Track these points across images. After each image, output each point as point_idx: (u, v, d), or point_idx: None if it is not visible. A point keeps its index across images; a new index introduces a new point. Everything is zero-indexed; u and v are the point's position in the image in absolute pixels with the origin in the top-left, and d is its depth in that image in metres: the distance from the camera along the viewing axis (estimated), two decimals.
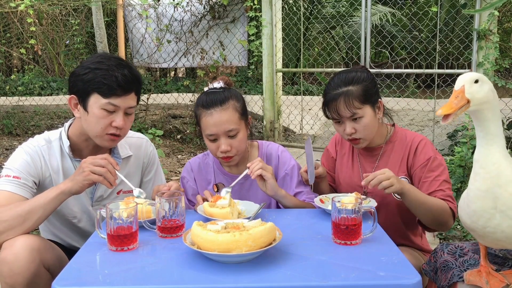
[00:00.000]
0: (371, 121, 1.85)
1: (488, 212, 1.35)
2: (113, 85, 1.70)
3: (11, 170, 1.75)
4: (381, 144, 1.96)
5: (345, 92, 1.82)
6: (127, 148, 1.96)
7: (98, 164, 1.61)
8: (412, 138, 1.93)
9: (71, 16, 8.04)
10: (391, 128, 2.00)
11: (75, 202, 1.87)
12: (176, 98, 7.53)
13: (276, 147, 2.02)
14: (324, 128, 6.74)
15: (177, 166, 5.09)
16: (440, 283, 1.56)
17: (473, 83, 1.34)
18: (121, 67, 1.73)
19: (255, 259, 1.33)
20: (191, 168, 2.05)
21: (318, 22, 10.06)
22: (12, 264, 1.52)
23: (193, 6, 6.39)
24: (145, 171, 2.04)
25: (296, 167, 1.97)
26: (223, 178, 2.00)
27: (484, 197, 1.35)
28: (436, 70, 5.16)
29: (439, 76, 5.39)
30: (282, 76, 6.08)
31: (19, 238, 1.60)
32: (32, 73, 9.90)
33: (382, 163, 1.95)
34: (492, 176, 1.34)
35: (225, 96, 1.84)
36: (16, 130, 6.73)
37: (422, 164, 1.85)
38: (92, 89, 1.71)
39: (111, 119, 1.74)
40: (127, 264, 1.33)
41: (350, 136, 1.86)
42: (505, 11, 5.19)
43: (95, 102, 1.72)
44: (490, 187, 1.34)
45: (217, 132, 1.82)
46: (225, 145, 1.83)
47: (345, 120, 1.85)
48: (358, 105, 1.82)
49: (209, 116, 1.82)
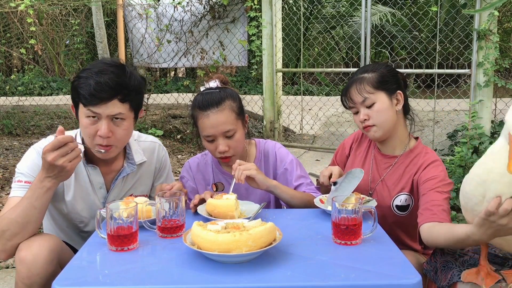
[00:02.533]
0: (386, 109, 1.83)
1: (476, 197, 1.36)
2: (85, 94, 1.65)
3: (23, 174, 1.74)
4: (398, 154, 1.91)
5: (359, 78, 1.85)
6: (141, 153, 1.94)
7: (67, 152, 1.54)
8: (427, 158, 1.85)
9: (71, 16, 8.04)
10: (413, 140, 1.94)
11: (85, 206, 1.86)
12: (176, 98, 7.54)
13: (273, 144, 2.03)
14: (324, 128, 6.74)
15: (177, 166, 5.09)
16: (440, 283, 1.56)
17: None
18: (102, 74, 1.65)
19: (255, 259, 1.33)
20: (190, 167, 2.06)
21: (318, 22, 10.06)
22: (31, 265, 1.52)
23: (193, 6, 6.39)
24: (157, 176, 2.03)
25: (294, 161, 1.98)
26: (222, 178, 2.01)
27: (478, 183, 1.35)
28: (436, 70, 5.16)
29: (439, 76, 5.39)
30: (282, 76, 6.08)
31: (37, 238, 1.60)
32: (32, 73, 9.90)
33: (392, 174, 1.90)
34: (494, 167, 1.30)
35: (221, 96, 1.84)
36: (16, 130, 6.73)
37: (427, 178, 1.78)
38: (78, 98, 1.69)
39: (95, 128, 1.69)
40: (127, 264, 1.33)
41: (364, 123, 1.85)
42: (505, 11, 5.18)
43: (81, 110, 1.70)
44: (487, 179, 1.32)
45: (214, 133, 1.82)
46: (223, 145, 1.83)
47: (358, 107, 1.85)
48: (370, 90, 1.82)
49: (206, 117, 1.82)
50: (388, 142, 1.92)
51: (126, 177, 1.91)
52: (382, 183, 1.92)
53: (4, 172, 4.80)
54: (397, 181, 1.88)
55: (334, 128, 6.25)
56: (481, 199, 1.35)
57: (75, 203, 1.84)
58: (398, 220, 1.88)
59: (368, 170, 1.97)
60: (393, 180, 1.89)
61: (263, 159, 2.00)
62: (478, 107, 4.46)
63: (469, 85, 4.73)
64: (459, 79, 9.59)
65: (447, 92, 5.79)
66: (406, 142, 1.92)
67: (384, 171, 1.93)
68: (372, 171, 1.96)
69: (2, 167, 5.03)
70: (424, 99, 6.73)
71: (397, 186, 1.88)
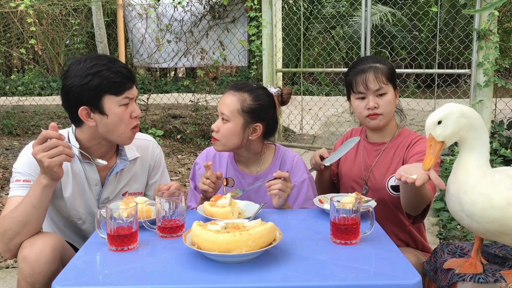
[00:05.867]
0: (392, 101, 1.94)
1: (458, 214, 1.43)
2: (123, 80, 1.72)
3: (21, 174, 1.74)
4: (387, 141, 2.01)
5: (375, 67, 1.92)
6: (134, 149, 1.96)
7: (50, 148, 1.54)
8: (413, 137, 1.98)
9: (71, 16, 8.05)
10: (400, 128, 2.05)
11: (82, 203, 1.87)
12: (176, 98, 7.54)
13: (292, 156, 2.03)
14: (324, 128, 6.74)
15: (177, 166, 5.09)
16: (440, 283, 1.56)
17: (436, 126, 1.40)
18: (115, 61, 1.76)
19: (255, 259, 1.33)
20: (207, 156, 2.08)
21: (318, 22, 10.06)
22: (33, 263, 1.53)
23: (193, 6, 6.40)
24: (151, 174, 2.03)
25: (307, 181, 1.97)
26: (234, 174, 2.02)
27: (453, 200, 1.43)
28: (436, 70, 5.16)
29: (439, 76, 5.39)
30: (282, 76, 6.08)
31: (40, 237, 1.61)
32: (32, 73, 9.90)
33: (383, 159, 1.99)
34: (459, 181, 1.40)
35: None
36: (16, 130, 6.73)
37: (413, 153, 1.90)
38: (104, 92, 1.70)
39: (129, 112, 1.77)
40: (127, 264, 1.33)
41: (372, 110, 1.91)
42: (505, 11, 5.18)
43: (111, 102, 1.71)
44: (456, 192, 1.41)
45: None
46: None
47: (369, 94, 1.91)
48: (384, 81, 1.91)
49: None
50: (381, 131, 2.02)
51: (120, 173, 1.91)
52: (375, 168, 2.00)
53: (4, 172, 4.80)
54: (389, 164, 1.97)
55: (334, 128, 6.25)
56: (462, 215, 1.41)
57: (73, 200, 1.84)
58: (394, 201, 1.94)
59: (360, 160, 2.05)
60: (385, 163, 1.98)
61: (278, 165, 2.00)
62: (478, 107, 4.46)
63: (469, 85, 4.73)
64: (459, 79, 9.59)
65: (447, 92, 5.80)
66: (395, 131, 2.04)
67: (375, 158, 2.02)
68: (364, 160, 2.04)
69: (2, 167, 5.04)
70: (424, 99, 6.74)
71: (390, 168, 1.96)
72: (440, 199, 3.64)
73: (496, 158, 4.14)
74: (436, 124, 1.40)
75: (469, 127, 1.39)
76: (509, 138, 4.64)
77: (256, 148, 1.98)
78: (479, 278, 1.45)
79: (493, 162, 4.03)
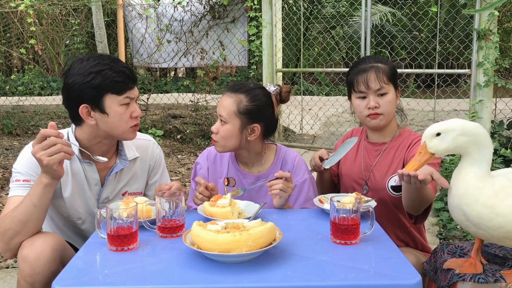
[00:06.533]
0: (393, 101, 1.94)
1: (463, 223, 1.43)
2: (126, 80, 1.73)
3: (21, 173, 1.74)
4: (388, 141, 2.01)
5: (376, 66, 1.93)
6: (133, 149, 1.96)
7: (48, 146, 1.55)
8: (414, 138, 1.98)
9: (71, 16, 8.05)
10: (400, 129, 2.05)
11: (82, 203, 1.87)
12: (176, 98, 7.54)
13: (294, 156, 2.02)
14: (324, 128, 6.74)
15: (177, 166, 5.09)
16: (440, 283, 1.56)
17: (434, 137, 1.41)
18: (118, 61, 1.77)
19: (255, 259, 1.33)
20: (207, 156, 2.07)
21: (318, 22, 10.06)
22: (33, 263, 1.53)
23: (193, 6, 6.40)
24: (151, 173, 2.03)
25: (308, 181, 1.97)
26: (235, 174, 2.02)
27: (457, 212, 1.43)
28: (436, 70, 5.16)
29: (439, 76, 5.39)
30: (282, 76, 6.08)
31: (40, 236, 1.61)
32: (32, 73, 9.91)
33: (383, 159, 1.99)
34: (460, 194, 1.40)
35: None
36: (16, 130, 6.73)
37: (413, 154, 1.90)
38: (105, 91, 1.70)
39: (129, 111, 1.77)
40: (127, 264, 1.33)
41: (373, 110, 1.91)
42: (505, 11, 5.18)
43: (112, 101, 1.72)
44: (458, 204, 1.41)
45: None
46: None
47: (370, 94, 1.91)
48: (386, 81, 1.91)
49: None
50: (381, 131, 2.02)
51: (120, 173, 1.91)
52: (375, 168, 2.00)
53: (4, 172, 4.80)
54: (389, 164, 1.97)
55: (334, 128, 6.25)
56: (468, 224, 1.42)
57: (73, 200, 1.84)
58: (395, 201, 1.95)
59: (360, 160, 2.05)
60: (386, 163, 1.98)
61: (280, 165, 2.00)
62: (478, 107, 4.46)
63: (469, 85, 4.73)
64: (459, 79, 9.59)
65: (447, 92, 5.80)
66: (395, 131, 2.04)
67: (375, 158, 2.02)
68: (364, 160, 2.05)
69: (2, 167, 5.04)
70: (424, 99, 6.74)
71: (390, 168, 1.96)
72: (440, 199, 3.64)
73: (496, 158, 4.14)
74: (434, 135, 1.41)
75: (471, 143, 1.40)
76: (509, 138, 4.64)
77: (256, 148, 1.98)
78: (479, 278, 1.45)
79: (493, 162, 4.03)
